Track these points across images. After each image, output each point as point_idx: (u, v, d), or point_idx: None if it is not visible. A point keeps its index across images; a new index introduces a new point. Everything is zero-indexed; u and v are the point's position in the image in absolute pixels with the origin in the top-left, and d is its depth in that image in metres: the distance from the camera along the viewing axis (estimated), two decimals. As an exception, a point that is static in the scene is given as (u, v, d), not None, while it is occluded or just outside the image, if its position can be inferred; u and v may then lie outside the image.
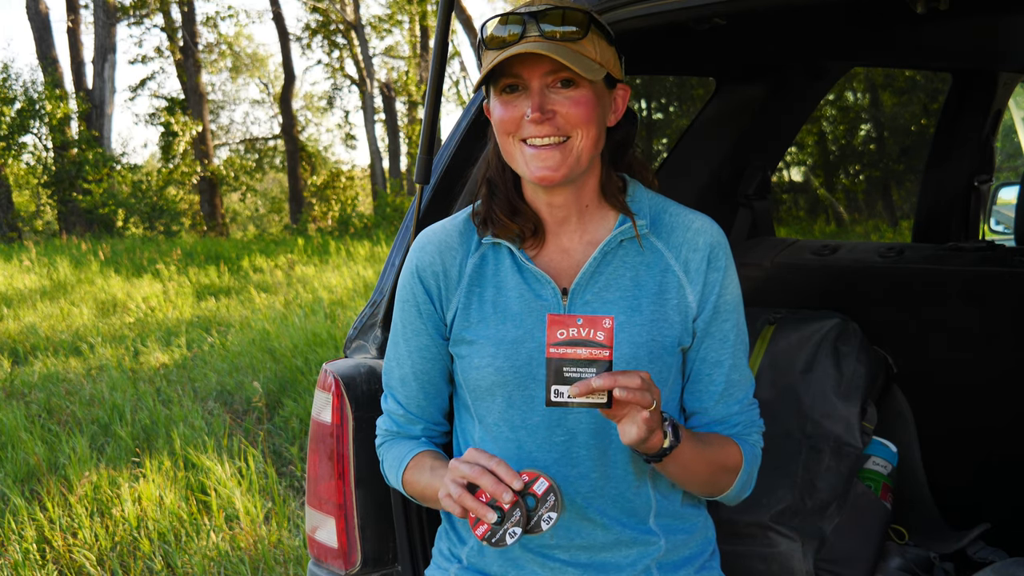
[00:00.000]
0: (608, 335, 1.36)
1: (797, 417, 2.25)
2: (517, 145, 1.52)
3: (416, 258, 1.65)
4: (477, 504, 1.41)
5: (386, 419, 1.71)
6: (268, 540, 3.83)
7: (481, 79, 1.52)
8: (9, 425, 5.34)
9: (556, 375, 1.37)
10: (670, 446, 1.45)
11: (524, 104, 1.50)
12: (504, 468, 1.41)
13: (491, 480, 1.40)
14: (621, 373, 1.35)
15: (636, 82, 15.20)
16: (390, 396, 1.70)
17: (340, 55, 27.61)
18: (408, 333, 1.65)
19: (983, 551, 2.24)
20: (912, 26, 2.45)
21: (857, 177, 16.94)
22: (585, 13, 1.51)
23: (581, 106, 1.49)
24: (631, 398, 1.34)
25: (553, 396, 1.37)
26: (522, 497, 1.42)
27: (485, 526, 1.42)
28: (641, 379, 1.35)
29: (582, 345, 1.37)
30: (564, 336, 1.37)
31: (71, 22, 21.82)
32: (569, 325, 1.37)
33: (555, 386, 1.37)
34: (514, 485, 1.40)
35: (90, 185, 19.84)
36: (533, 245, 1.61)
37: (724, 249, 1.61)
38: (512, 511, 1.41)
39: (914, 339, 2.47)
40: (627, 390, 1.33)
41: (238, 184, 26.06)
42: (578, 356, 1.37)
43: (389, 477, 1.70)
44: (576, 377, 1.37)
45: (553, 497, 1.42)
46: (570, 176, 1.52)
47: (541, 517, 1.42)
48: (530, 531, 1.42)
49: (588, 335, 1.37)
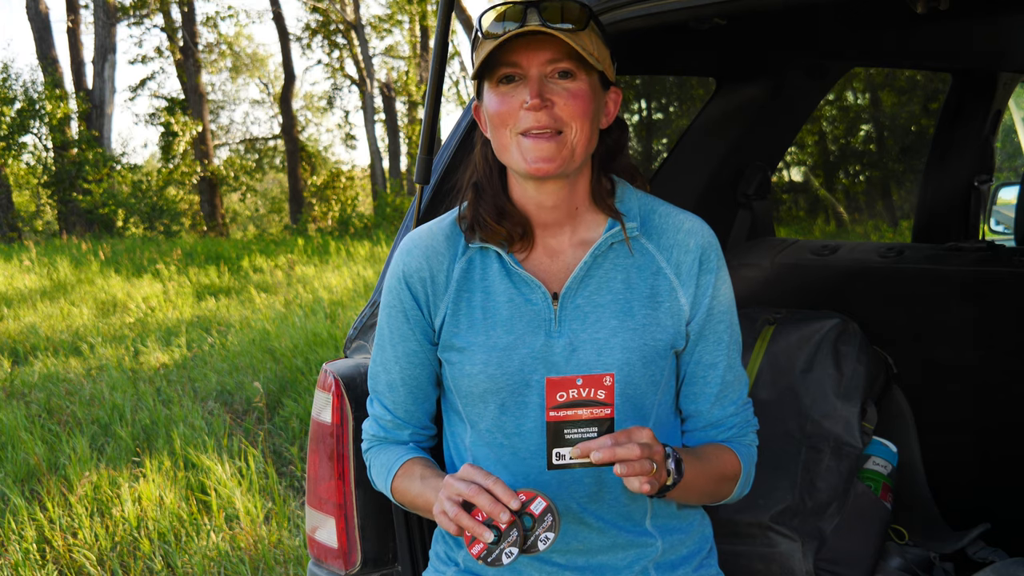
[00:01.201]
0: (609, 393, 1.35)
1: (797, 417, 2.25)
2: (513, 138, 1.49)
3: (403, 263, 1.62)
4: (473, 523, 1.38)
5: (372, 424, 1.69)
6: (268, 540, 3.83)
7: (479, 65, 1.49)
8: (9, 425, 5.34)
9: (556, 438, 1.36)
10: (674, 483, 1.45)
11: (522, 93, 1.48)
12: (501, 487, 1.39)
13: (488, 499, 1.38)
14: (620, 439, 1.34)
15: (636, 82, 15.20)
16: (376, 401, 1.68)
17: (340, 55, 27.61)
18: (395, 338, 1.63)
19: (983, 551, 2.24)
20: (912, 26, 2.45)
21: (857, 177, 16.93)
22: (584, 7, 1.49)
23: (579, 99, 1.48)
24: (631, 472, 1.34)
25: (555, 459, 1.36)
26: (519, 517, 1.39)
27: (481, 545, 1.39)
28: (639, 447, 1.34)
29: (582, 406, 1.36)
30: (564, 398, 1.35)
31: (71, 22, 21.82)
32: (569, 387, 1.35)
33: (556, 449, 1.36)
34: (511, 505, 1.38)
35: (90, 185, 19.83)
36: (521, 249, 1.58)
37: (715, 250, 1.59)
38: (509, 531, 1.38)
39: (914, 339, 2.47)
40: (626, 464, 1.33)
41: (238, 184, 26.05)
42: (578, 417, 1.36)
43: (376, 482, 1.68)
44: (577, 438, 1.35)
45: (551, 517, 1.40)
46: (563, 170, 1.50)
47: (538, 537, 1.40)
48: (527, 551, 1.40)
49: (589, 395, 1.35)
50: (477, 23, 1.51)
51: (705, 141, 2.98)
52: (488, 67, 1.51)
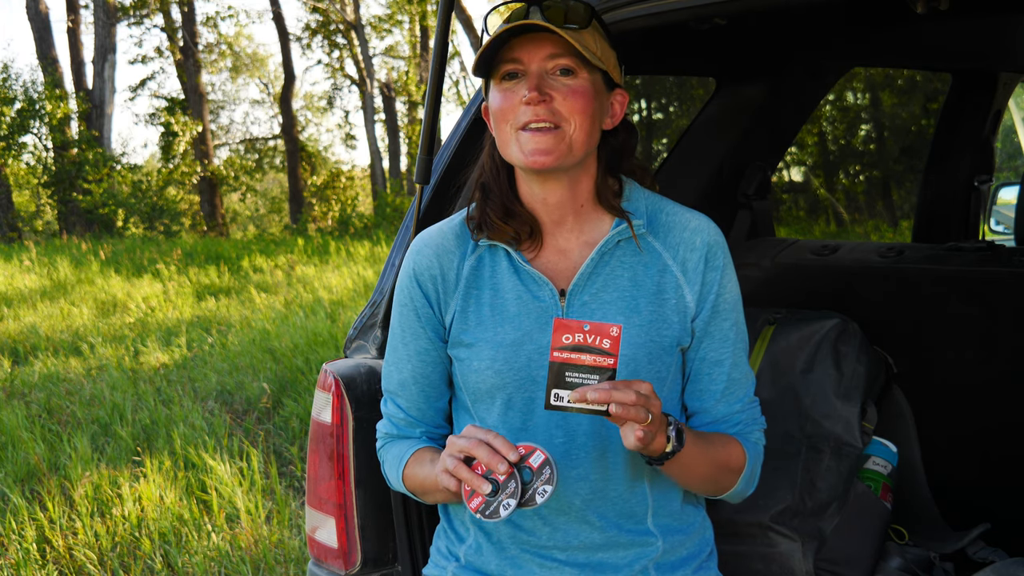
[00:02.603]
0: (614, 343, 1.36)
1: (797, 417, 2.25)
2: (513, 133, 1.52)
3: (413, 262, 1.65)
4: (472, 475, 1.40)
5: (386, 423, 1.71)
6: (269, 540, 3.83)
7: (478, 59, 1.52)
8: (9, 425, 5.34)
9: (557, 379, 1.36)
10: (673, 450, 1.45)
11: (522, 89, 1.51)
12: (501, 441, 1.40)
13: (486, 451, 1.40)
14: (619, 386, 1.35)
15: (636, 82, 15.20)
16: (390, 400, 1.70)
17: (340, 55, 27.61)
18: (407, 337, 1.65)
19: (983, 551, 2.24)
20: (912, 26, 2.45)
21: (857, 177, 16.93)
22: (588, 7, 1.52)
23: (578, 95, 1.50)
24: (625, 415, 1.34)
25: (553, 400, 1.37)
26: (518, 470, 1.40)
27: (480, 498, 1.40)
28: (636, 393, 1.35)
29: (587, 351, 1.36)
30: (569, 341, 1.36)
31: (71, 22, 21.82)
32: (575, 330, 1.36)
33: (556, 390, 1.37)
34: (510, 456, 1.39)
35: (90, 185, 19.83)
36: (530, 247, 1.61)
37: (722, 248, 1.61)
38: (507, 483, 1.39)
39: (914, 339, 2.47)
40: (622, 406, 1.34)
41: (238, 184, 26.05)
42: (582, 362, 1.36)
43: (390, 476, 1.70)
44: (578, 383, 1.36)
45: (549, 470, 1.40)
46: (562, 163, 1.52)
47: (536, 490, 1.40)
48: (525, 504, 1.40)
49: (594, 342, 1.36)
50: (483, 22, 1.54)
51: (705, 141, 2.98)
52: (492, 65, 1.54)
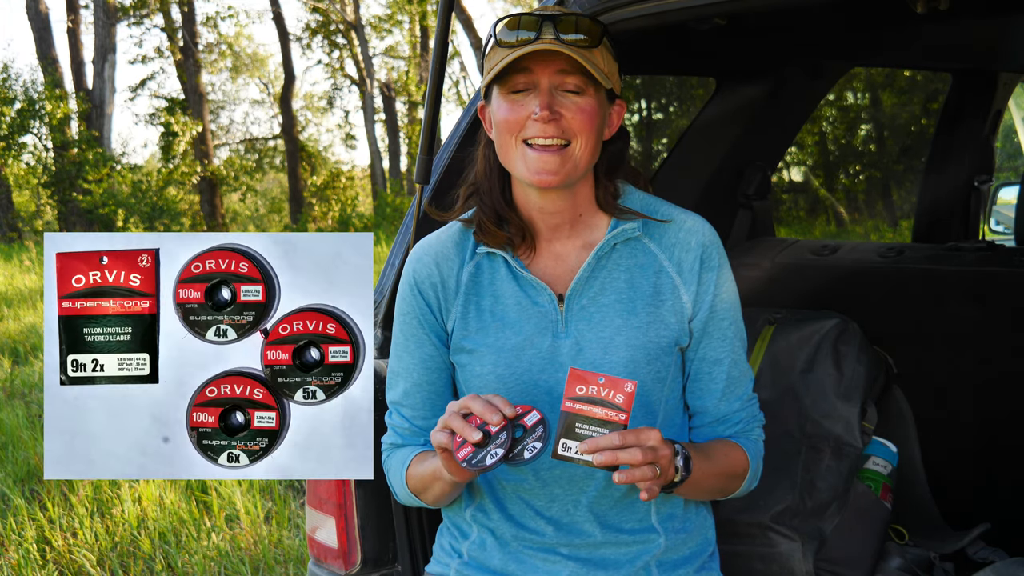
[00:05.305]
0: (628, 399, 1.36)
1: (797, 417, 2.25)
2: (519, 147, 1.52)
3: (413, 270, 1.66)
4: (463, 424, 1.39)
5: (391, 434, 1.71)
6: (268, 540, 3.83)
7: (493, 75, 1.52)
8: (9, 425, 5.34)
9: (567, 429, 1.36)
10: (681, 480, 1.47)
11: (531, 104, 1.51)
12: (499, 398, 1.40)
13: (482, 403, 1.39)
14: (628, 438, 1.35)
15: (636, 82, 15.20)
16: (395, 411, 1.69)
17: (340, 55, 27.62)
18: (411, 345, 1.65)
19: (983, 551, 2.24)
20: (912, 26, 2.44)
21: (857, 177, 16.93)
22: (598, 24, 1.53)
23: (586, 114, 1.51)
24: (630, 479, 1.35)
25: (561, 449, 1.37)
26: (512, 426, 1.40)
27: (468, 448, 1.39)
28: (643, 452, 1.35)
29: (599, 404, 1.36)
30: (583, 392, 1.36)
31: (71, 22, 21.83)
32: (590, 383, 1.36)
33: (564, 439, 1.37)
34: (505, 411, 1.39)
35: (90, 185, 19.84)
36: (526, 252, 1.62)
37: (717, 248, 1.61)
38: (499, 434, 1.39)
39: (914, 339, 2.47)
40: (626, 473, 1.34)
41: (238, 184, 26.03)
42: (593, 415, 1.36)
43: (394, 484, 1.69)
44: (587, 435, 1.36)
45: (542, 428, 1.40)
46: (567, 182, 1.53)
47: (526, 446, 1.39)
48: (513, 457, 1.39)
49: (607, 395, 1.36)
50: (491, 30, 1.54)
51: (705, 141, 2.98)
52: (500, 76, 1.53)
